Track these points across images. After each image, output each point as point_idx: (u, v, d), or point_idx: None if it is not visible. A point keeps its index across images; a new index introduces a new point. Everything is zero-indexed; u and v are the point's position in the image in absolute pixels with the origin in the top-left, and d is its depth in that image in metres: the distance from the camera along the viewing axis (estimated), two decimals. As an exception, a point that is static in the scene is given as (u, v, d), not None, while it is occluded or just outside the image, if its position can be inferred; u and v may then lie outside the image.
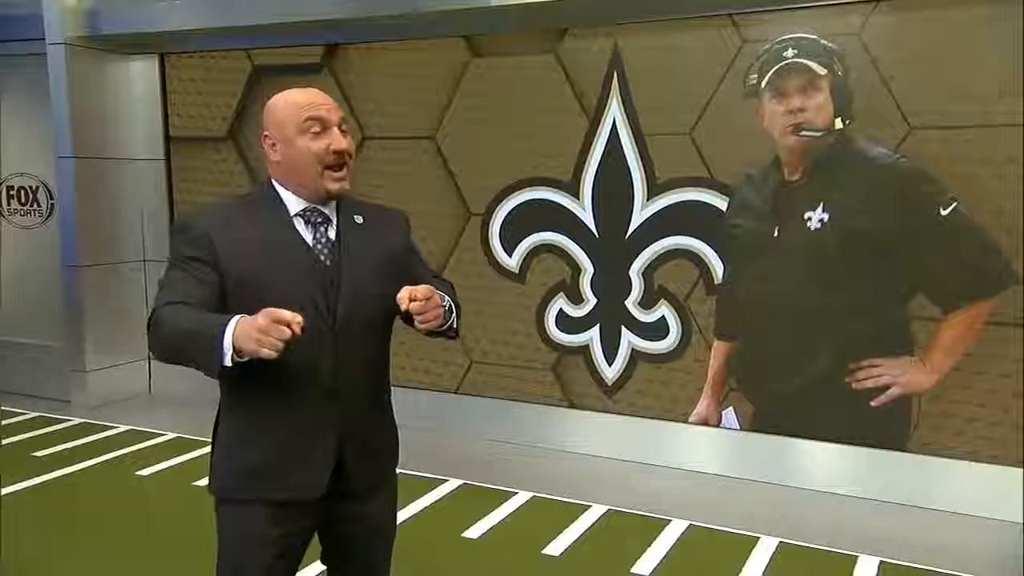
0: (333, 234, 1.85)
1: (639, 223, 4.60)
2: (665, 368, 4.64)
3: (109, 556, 3.51)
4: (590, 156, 4.66)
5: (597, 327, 4.77)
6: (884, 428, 4.14)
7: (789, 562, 3.50)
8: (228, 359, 1.57)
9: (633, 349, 4.69)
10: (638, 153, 4.55)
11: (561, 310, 4.85)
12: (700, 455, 4.56)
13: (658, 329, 4.62)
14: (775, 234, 4.26)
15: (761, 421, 4.43)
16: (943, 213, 3.89)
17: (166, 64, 5.83)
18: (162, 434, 5.13)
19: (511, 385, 5.03)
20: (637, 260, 4.62)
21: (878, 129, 4.01)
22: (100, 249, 5.74)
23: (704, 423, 4.56)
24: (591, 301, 4.78)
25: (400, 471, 2.04)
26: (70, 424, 5.37)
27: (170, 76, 5.84)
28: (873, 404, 4.14)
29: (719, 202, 4.40)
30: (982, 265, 3.88)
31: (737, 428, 4.48)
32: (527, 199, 4.86)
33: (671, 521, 3.88)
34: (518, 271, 4.94)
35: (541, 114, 4.75)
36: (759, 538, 3.70)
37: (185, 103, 5.81)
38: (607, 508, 4.03)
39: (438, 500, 4.14)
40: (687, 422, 4.60)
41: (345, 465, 1.83)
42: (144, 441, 5.02)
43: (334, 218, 1.87)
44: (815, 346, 4.24)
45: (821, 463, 4.29)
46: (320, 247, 1.83)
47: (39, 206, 5.98)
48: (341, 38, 5.19)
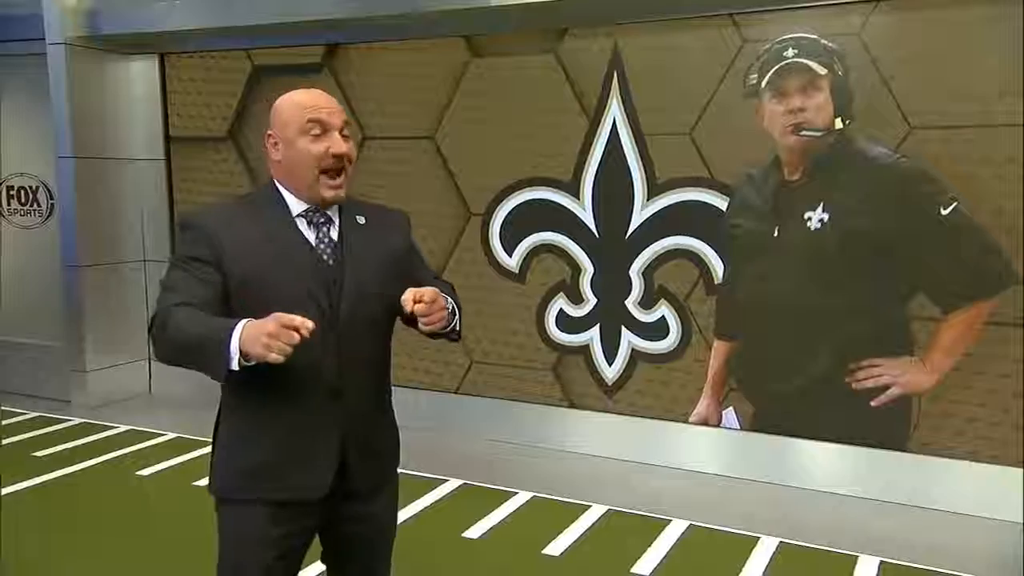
0: (336, 234, 1.85)
1: (639, 223, 4.60)
2: (665, 368, 4.64)
3: (109, 556, 3.51)
4: (590, 156, 4.66)
5: (597, 327, 4.77)
6: (884, 428, 4.14)
7: (789, 562, 3.50)
8: (235, 363, 1.58)
9: (633, 349, 4.69)
10: (638, 153, 4.55)
11: (561, 310, 4.85)
12: (700, 455, 4.56)
13: (658, 329, 4.62)
14: (775, 234, 4.26)
15: (761, 421, 4.43)
16: (943, 213, 3.89)
17: (166, 64, 5.83)
18: (162, 434, 5.13)
19: (511, 385, 5.03)
20: (637, 260, 4.62)
21: (878, 129, 4.01)
22: (100, 249, 5.74)
23: (704, 423, 4.56)
24: (591, 301, 4.78)
25: (400, 471, 2.04)
26: (70, 424, 5.37)
27: (170, 76, 5.84)
28: (873, 404, 4.14)
29: (719, 202, 4.40)
30: (982, 265, 3.88)
31: (737, 428, 4.49)
32: (527, 199, 4.86)
33: (671, 521, 3.88)
34: (518, 271, 4.94)
35: (541, 114, 4.75)
36: (759, 538, 3.70)
37: (185, 103, 5.81)
38: (607, 508, 4.03)
39: (438, 500, 4.14)
40: (687, 422, 4.60)
41: (348, 465, 1.83)
42: (144, 441, 5.02)
43: (336, 218, 1.87)
44: (815, 346, 4.24)
45: (821, 463, 4.29)
46: (323, 247, 1.83)
47: (39, 206, 5.98)
48: (341, 38, 5.19)
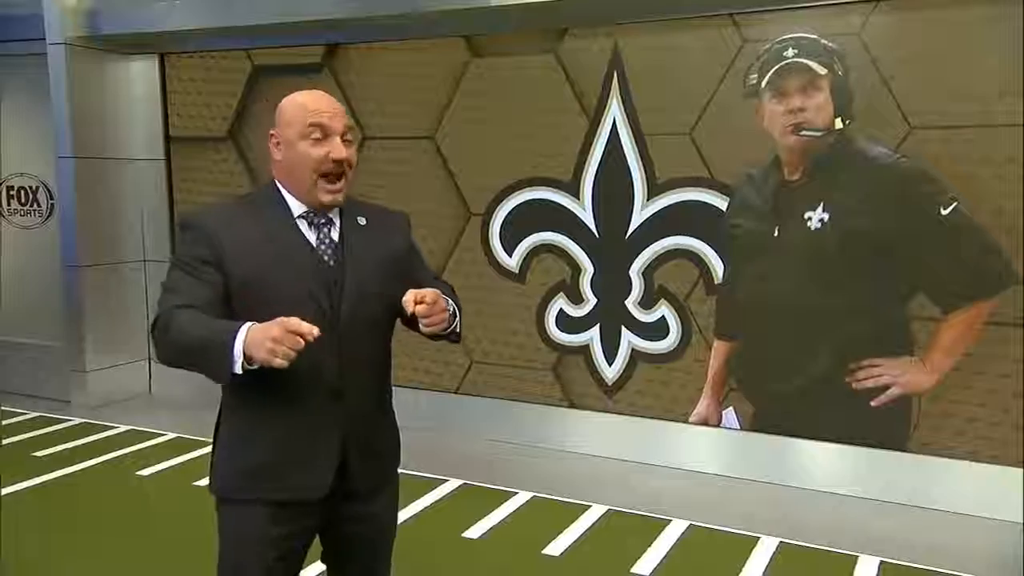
0: (336, 235, 1.86)
1: (639, 223, 4.60)
2: (665, 368, 4.64)
3: (109, 556, 3.51)
4: (590, 156, 4.66)
5: (597, 327, 4.77)
6: (884, 428, 4.14)
7: (789, 562, 3.50)
8: (239, 366, 1.58)
9: (633, 349, 4.69)
10: (638, 153, 4.55)
11: (561, 310, 4.85)
12: (700, 455, 4.56)
13: (658, 329, 4.62)
14: (775, 234, 4.26)
15: (761, 421, 4.43)
16: (943, 213, 3.89)
17: (166, 64, 5.83)
18: (162, 434, 5.13)
19: (511, 385, 5.03)
20: (637, 260, 4.62)
21: (878, 129, 4.01)
22: (100, 249, 5.74)
23: (704, 423, 4.56)
24: (591, 301, 4.78)
25: (400, 471, 2.04)
26: (70, 424, 5.37)
27: (170, 76, 5.83)
28: (873, 404, 4.14)
29: (719, 202, 4.40)
30: (982, 265, 3.88)
31: (737, 428, 4.48)
32: (527, 199, 4.86)
33: (671, 521, 3.88)
34: (518, 271, 4.94)
35: (541, 114, 4.75)
36: (759, 538, 3.70)
37: (185, 103, 5.81)
38: (607, 508, 4.03)
39: (438, 500, 4.14)
40: (687, 422, 4.60)
41: (348, 465, 1.83)
42: (144, 441, 5.01)
43: (337, 219, 1.87)
44: (815, 346, 4.24)
45: (821, 463, 4.29)
46: (324, 248, 1.83)
47: (39, 206, 5.98)
48: (341, 38, 5.19)
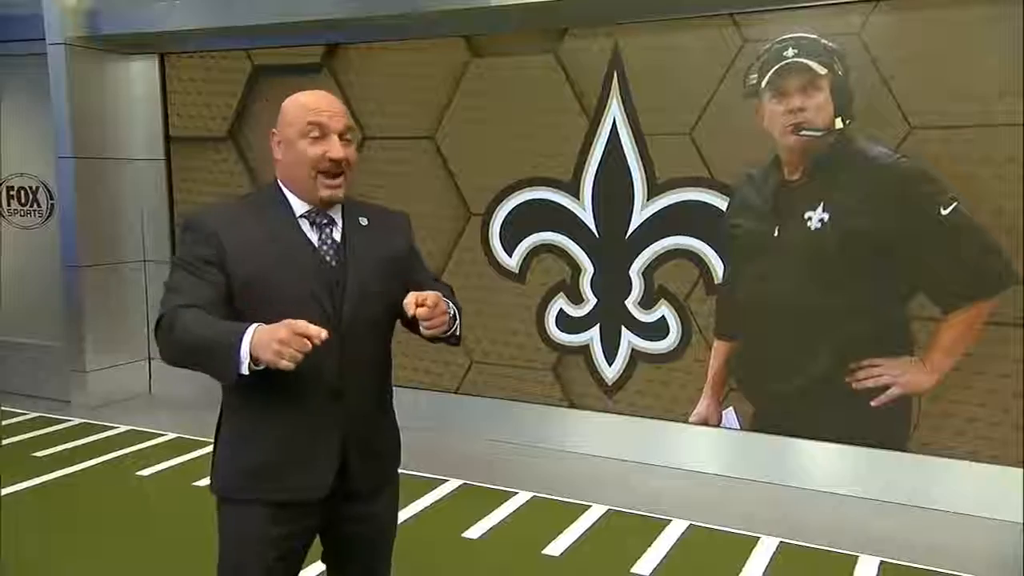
0: (338, 235, 1.86)
1: (639, 223, 4.60)
2: (665, 368, 4.64)
3: (109, 556, 3.51)
4: (590, 156, 4.66)
5: (597, 327, 4.77)
6: (884, 428, 4.14)
7: (789, 562, 3.50)
8: (245, 367, 1.58)
9: (633, 349, 4.69)
10: (638, 153, 4.55)
11: (561, 310, 4.85)
12: (700, 455, 4.56)
13: (658, 329, 4.62)
14: (775, 234, 4.26)
15: (761, 421, 4.43)
16: (943, 213, 3.89)
17: (166, 64, 5.83)
18: (162, 434, 5.13)
19: (511, 385, 5.03)
20: (637, 260, 4.62)
21: (878, 129, 4.01)
22: (100, 249, 5.74)
23: (704, 423, 4.56)
24: (591, 301, 4.77)
25: (401, 471, 2.04)
26: (70, 424, 5.37)
27: (170, 76, 5.83)
28: (873, 404, 4.14)
29: (719, 202, 4.40)
30: (982, 265, 3.88)
31: (737, 428, 4.48)
32: (527, 199, 4.86)
33: (671, 521, 3.88)
34: (518, 271, 4.94)
35: (541, 114, 4.75)
36: (759, 538, 3.70)
37: (185, 103, 5.81)
38: (607, 508, 4.03)
39: (438, 500, 4.14)
40: (687, 422, 4.60)
41: (349, 466, 1.83)
42: (144, 441, 5.01)
43: (339, 220, 1.87)
44: (815, 346, 4.24)
45: (821, 463, 4.29)
46: (326, 248, 1.83)
47: (39, 206, 5.98)
48: (341, 38, 5.19)
